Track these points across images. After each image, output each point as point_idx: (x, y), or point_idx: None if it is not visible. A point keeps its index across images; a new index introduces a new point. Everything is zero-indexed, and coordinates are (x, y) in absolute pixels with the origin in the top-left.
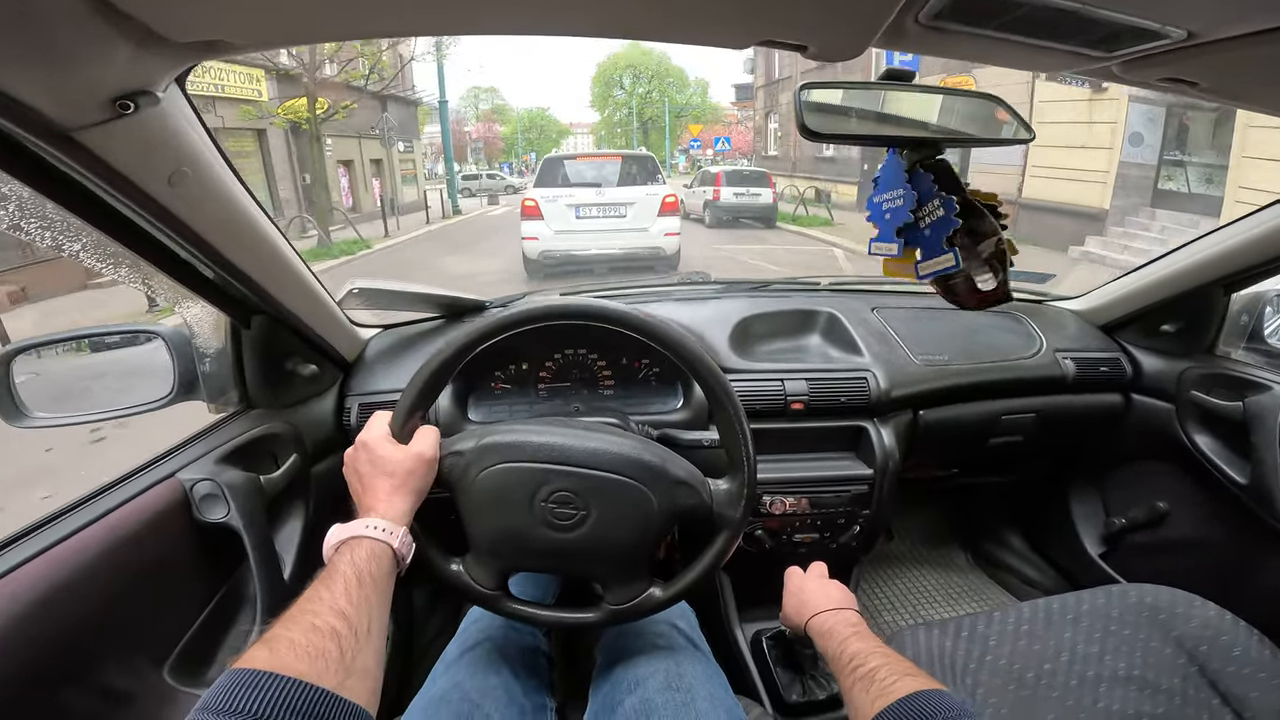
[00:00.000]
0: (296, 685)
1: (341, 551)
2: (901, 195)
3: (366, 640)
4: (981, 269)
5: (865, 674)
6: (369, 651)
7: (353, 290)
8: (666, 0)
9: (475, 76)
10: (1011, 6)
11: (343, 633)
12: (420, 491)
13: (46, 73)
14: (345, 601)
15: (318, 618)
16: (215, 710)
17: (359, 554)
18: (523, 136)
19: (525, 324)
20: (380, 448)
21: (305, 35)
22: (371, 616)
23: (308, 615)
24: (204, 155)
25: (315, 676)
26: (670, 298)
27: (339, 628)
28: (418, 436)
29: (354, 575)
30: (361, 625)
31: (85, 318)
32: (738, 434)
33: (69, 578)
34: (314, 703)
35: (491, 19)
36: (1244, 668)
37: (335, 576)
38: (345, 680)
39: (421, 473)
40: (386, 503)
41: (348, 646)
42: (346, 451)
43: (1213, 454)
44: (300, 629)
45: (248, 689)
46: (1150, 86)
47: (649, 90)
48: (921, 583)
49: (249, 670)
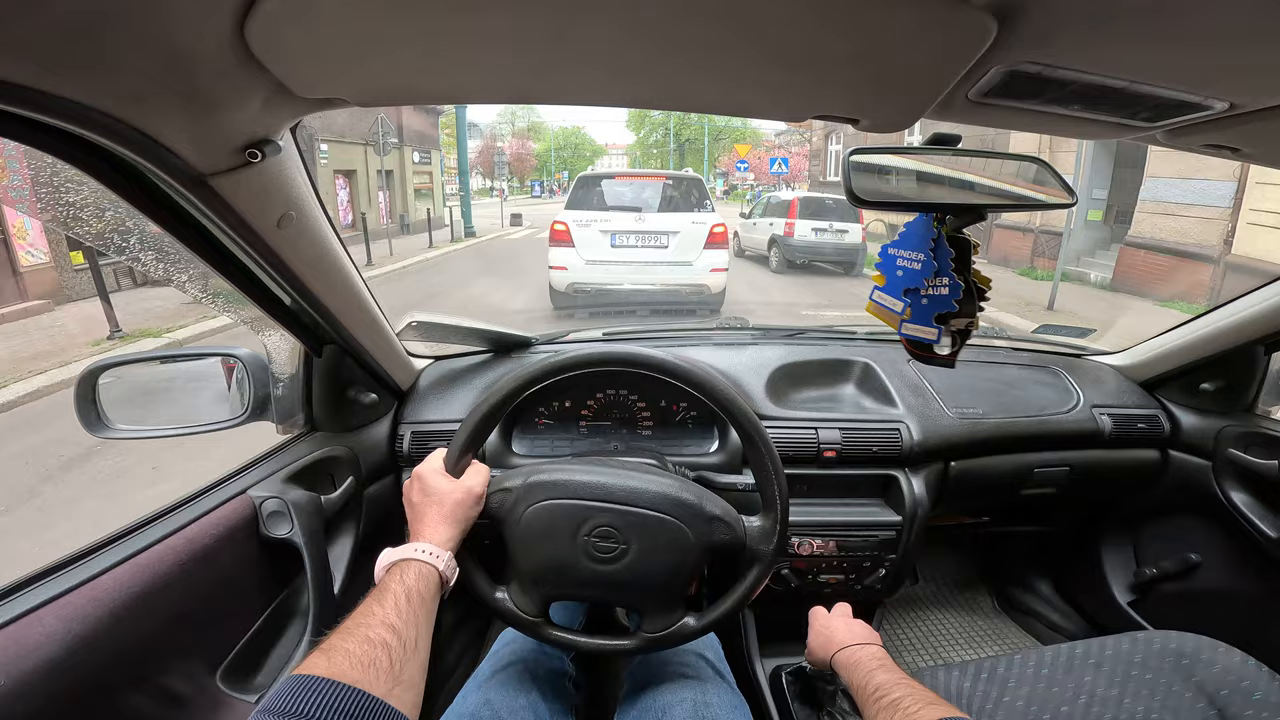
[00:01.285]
0: (349, 691)
1: (392, 572)
2: (921, 260)
3: (414, 653)
4: (945, 338)
5: (890, 704)
6: (415, 664)
7: (411, 323)
8: (728, 78)
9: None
10: (1058, 84)
11: (393, 645)
12: (466, 521)
13: (189, 119)
14: (396, 617)
15: (371, 630)
16: (276, 712)
17: (408, 575)
18: (556, 155)
19: (570, 370)
20: (433, 479)
21: (407, 98)
22: (419, 632)
23: (362, 628)
24: (306, 199)
25: (367, 684)
26: (709, 342)
27: (389, 640)
28: (469, 472)
29: (403, 593)
30: (410, 639)
31: None
32: (770, 472)
33: (147, 586)
34: (364, 709)
35: (569, 91)
36: (1263, 711)
37: (386, 594)
38: (393, 689)
39: (468, 504)
40: (434, 529)
41: (397, 658)
42: (405, 481)
43: (1247, 509)
44: (355, 640)
45: (306, 693)
46: (1193, 151)
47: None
48: (945, 625)
49: (308, 676)
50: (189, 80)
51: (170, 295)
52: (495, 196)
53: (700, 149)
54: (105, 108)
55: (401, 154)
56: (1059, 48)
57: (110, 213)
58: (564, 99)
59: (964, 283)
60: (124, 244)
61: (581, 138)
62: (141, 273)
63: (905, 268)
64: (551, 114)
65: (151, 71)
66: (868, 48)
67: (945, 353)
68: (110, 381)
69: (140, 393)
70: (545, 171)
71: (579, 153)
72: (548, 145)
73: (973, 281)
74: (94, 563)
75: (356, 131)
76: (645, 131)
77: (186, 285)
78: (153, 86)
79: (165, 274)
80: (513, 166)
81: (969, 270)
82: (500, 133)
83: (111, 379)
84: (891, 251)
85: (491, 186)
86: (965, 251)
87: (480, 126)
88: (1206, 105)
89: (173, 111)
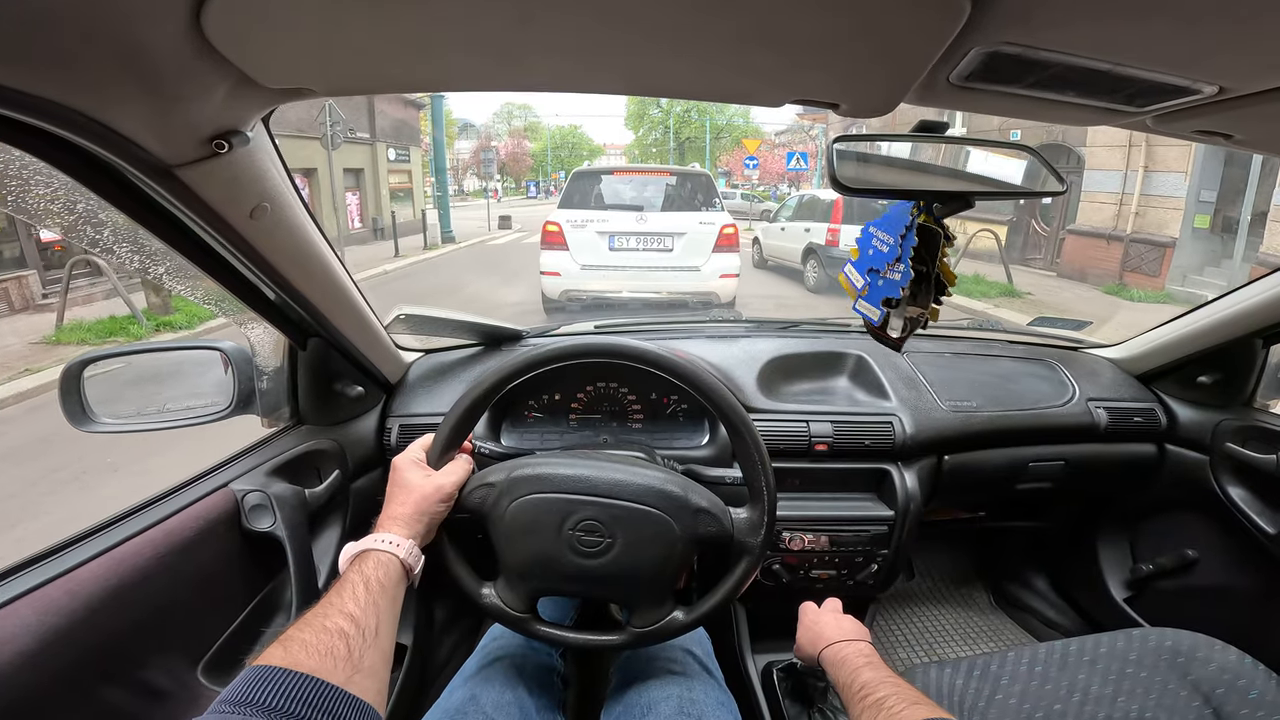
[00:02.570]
0: (306, 680)
1: (354, 564)
2: (890, 244)
3: (374, 641)
4: (896, 321)
5: (874, 702)
6: (376, 652)
7: (400, 315)
8: (703, 62)
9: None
10: (1040, 67)
11: (350, 633)
12: (431, 515)
13: (151, 111)
14: (354, 605)
15: (328, 619)
16: (233, 703)
17: (366, 564)
18: (553, 155)
19: (553, 363)
20: (406, 471)
21: (378, 86)
22: (380, 620)
23: (319, 618)
24: (282, 190)
25: (325, 673)
26: (701, 335)
27: (346, 629)
28: (448, 468)
29: (361, 582)
30: (369, 627)
31: None
32: (756, 463)
33: (124, 579)
34: (322, 696)
35: (539, 78)
36: (1259, 710)
37: (345, 584)
38: (353, 676)
39: (434, 499)
40: (400, 522)
41: (355, 646)
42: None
43: (1245, 505)
44: (312, 630)
45: (262, 683)
46: (1184, 137)
47: (687, 108)
48: (940, 621)
49: (265, 667)
50: (148, 72)
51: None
52: (490, 198)
53: (701, 147)
54: (63, 100)
55: (374, 150)
56: (1038, 27)
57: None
58: (535, 86)
59: (924, 274)
60: (96, 236)
61: (579, 137)
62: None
63: (876, 248)
64: (548, 113)
65: (107, 64)
66: (841, 28)
67: (895, 335)
68: (95, 375)
69: (125, 386)
70: (541, 172)
71: (576, 152)
72: (544, 145)
73: (937, 275)
74: (71, 556)
75: (317, 126)
76: (644, 130)
77: (164, 277)
78: (110, 79)
79: (142, 266)
80: (508, 167)
81: (934, 262)
82: (496, 132)
83: (96, 372)
84: (872, 230)
85: (485, 188)
86: (934, 242)
87: (476, 126)
88: (1195, 89)
89: (134, 103)
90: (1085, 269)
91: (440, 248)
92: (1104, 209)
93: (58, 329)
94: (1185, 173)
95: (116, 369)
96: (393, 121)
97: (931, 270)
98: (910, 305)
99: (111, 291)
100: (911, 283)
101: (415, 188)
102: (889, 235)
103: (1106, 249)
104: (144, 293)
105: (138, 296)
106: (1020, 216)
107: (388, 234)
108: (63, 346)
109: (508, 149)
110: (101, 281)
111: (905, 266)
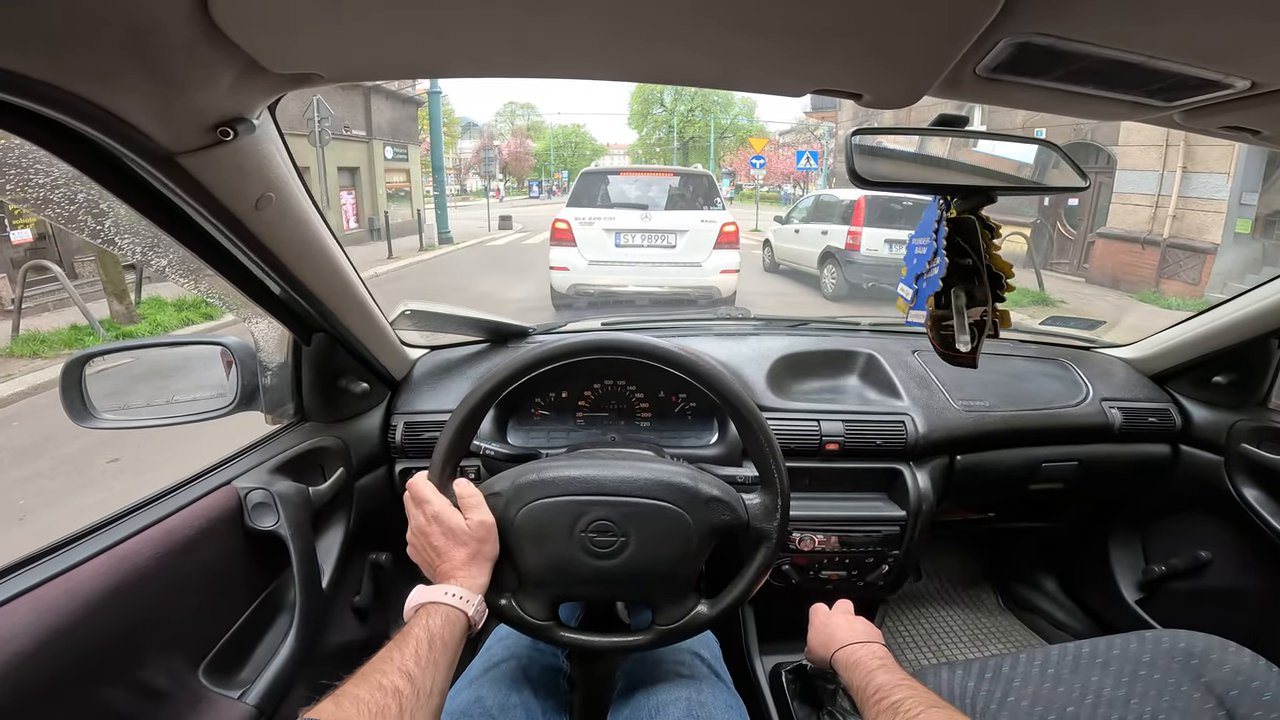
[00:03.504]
0: None
1: (419, 615)
2: (927, 245)
3: (426, 700)
4: (962, 332)
5: (890, 706)
6: (426, 711)
7: (405, 311)
8: (725, 51)
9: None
10: (1071, 59)
11: (405, 693)
12: (493, 558)
13: (155, 97)
14: (414, 664)
15: (385, 677)
16: None
17: (434, 619)
18: (555, 154)
19: (561, 359)
20: (453, 519)
21: (387, 72)
22: (435, 679)
23: (376, 674)
24: (287, 180)
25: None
26: (710, 332)
27: (402, 688)
28: (474, 506)
29: (426, 639)
30: (424, 687)
31: None
32: (767, 453)
33: (124, 579)
34: None
35: (552, 65)
36: (1273, 713)
37: (409, 639)
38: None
39: (492, 540)
40: (465, 572)
41: (408, 705)
42: (411, 525)
43: (1260, 506)
44: (367, 687)
45: None
46: (1210, 134)
47: (691, 108)
48: (949, 623)
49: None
50: (153, 57)
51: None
52: (492, 197)
53: (705, 147)
54: (66, 85)
55: (370, 148)
56: (1072, 18)
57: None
58: (548, 72)
59: (971, 266)
60: (98, 227)
61: (581, 136)
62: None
63: (918, 254)
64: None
65: (113, 48)
66: (868, 16)
67: (965, 349)
68: (97, 370)
69: (128, 382)
70: (544, 171)
71: (579, 152)
72: (547, 144)
73: (986, 265)
74: (69, 554)
75: (305, 122)
76: (648, 129)
77: (167, 269)
78: (115, 64)
79: (144, 257)
80: (510, 166)
81: (979, 251)
82: (499, 131)
83: (98, 368)
84: (914, 240)
85: (486, 187)
86: (970, 232)
87: (479, 126)
88: (1227, 84)
89: (138, 89)
90: (1117, 275)
91: (437, 249)
92: (1138, 211)
93: (13, 339)
94: (1228, 174)
95: (119, 364)
96: (390, 119)
97: (981, 262)
98: (969, 308)
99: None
100: (961, 279)
101: (414, 187)
102: (925, 239)
103: (1140, 254)
104: (106, 301)
105: (100, 305)
106: (1044, 218)
107: (383, 234)
108: (15, 360)
109: (510, 148)
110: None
111: (941, 259)
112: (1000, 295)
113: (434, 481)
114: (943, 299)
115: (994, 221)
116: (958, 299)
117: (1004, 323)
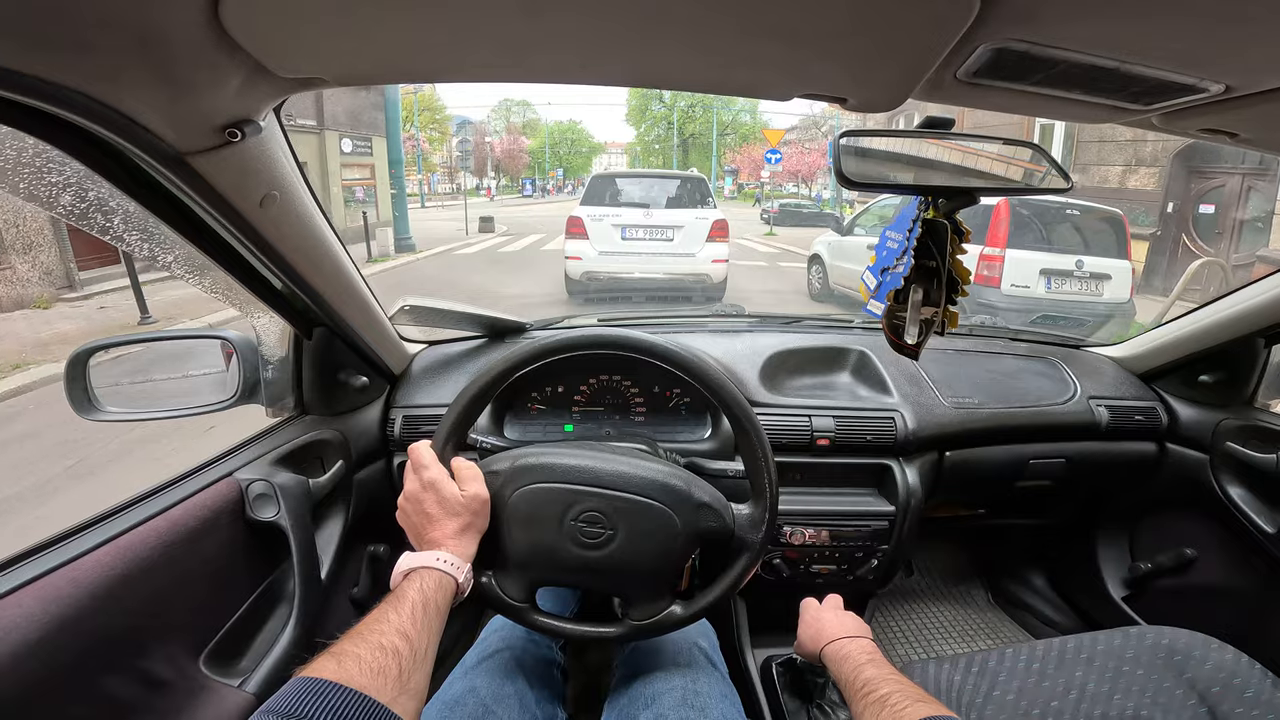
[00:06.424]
0: (356, 697)
1: (411, 579)
2: (899, 241)
3: (422, 661)
4: (912, 327)
5: (877, 699)
6: (422, 672)
7: (404, 307)
8: (712, 54)
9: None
10: (1048, 64)
11: (404, 653)
12: (482, 532)
13: (166, 99)
14: (411, 625)
15: (384, 637)
16: (280, 713)
17: (428, 583)
18: (551, 152)
19: (558, 353)
20: (447, 489)
21: (390, 76)
22: (429, 641)
23: (375, 634)
24: (291, 180)
25: (374, 691)
26: (704, 329)
27: (400, 648)
28: (471, 479)
29: (420, 602)
30: (421, 648)
31: None
32: (760, 459)
33: (128, 568)
34: (369, 715)
35: (548, 69)
36: (1254, 709)
37: (404, 601)
38: (399, 697)
39: (485, 515)
40: (456, 540)
41: (406, 666)
42: (406, 489)
43: (1243, 504)
44: (367, 646)
45: (312, 696)
46: (1189, 136)
47: (691, 104)
48: (938, 618)
49: (316, 679)
50: (165, 60)
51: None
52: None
53: (705, 145)
54: (80, 87)
55: (322, 140)
56: (1046, 24)
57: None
58: (544, 77)
59: (933, 269)
60: (107, 224)
61: (578, 133)
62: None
63: (889, 248)
64: (542, 100)
65: (125, 51)
66: (849, 22)
67: (911, 342)
68: (100, 364)
69: (131, 375)
70: (539, 169)
71: (575, 149)
72: (542, 141)
73: (948, 271)
74: (74, 545)
75: None
76: (646, 126)
77: (173, 265)
78: (128, 66)
79: (151, 253)
80: (504, 164)
81: (944, 257)
82: (494, 128)
83: (101, 361)
84: (887, 233)
85: (479, 185)
86: (941, 236)
87: (473, 123)
88: (1202, 88)
89: (149, 91)
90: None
91: (392, 259)
92: None
93: None
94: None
95: (122, 357)
96: (348, 107)
97: (943, 266)
98: (923, 306)
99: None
100: (921, 280)
101: (379, 184)
102: (899, 233)
103: None
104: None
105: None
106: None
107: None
108: None
109: (503, 145)
110: None
111: (908, 259)
112: (953, 299)
113: (436, 450)
114: (901, 295)
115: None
116: (915, 294)
117: (951, 323)
